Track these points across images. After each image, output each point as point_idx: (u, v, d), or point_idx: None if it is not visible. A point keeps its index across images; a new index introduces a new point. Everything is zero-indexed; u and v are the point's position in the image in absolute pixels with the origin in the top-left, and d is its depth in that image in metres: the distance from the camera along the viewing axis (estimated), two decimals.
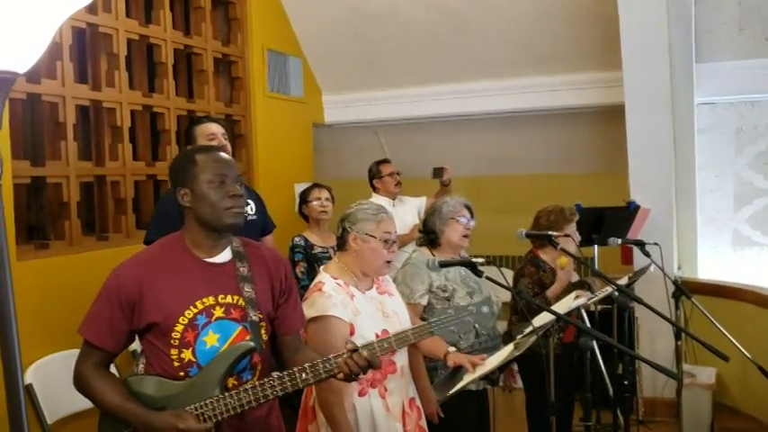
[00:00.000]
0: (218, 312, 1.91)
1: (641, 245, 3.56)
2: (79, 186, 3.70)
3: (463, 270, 2.97)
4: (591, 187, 5.05)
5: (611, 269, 4.15)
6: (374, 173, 4.81)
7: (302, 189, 4.31)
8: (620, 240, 3.66)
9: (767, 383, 2.85)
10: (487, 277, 2.45)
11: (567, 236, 3.43)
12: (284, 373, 1.87)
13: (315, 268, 3.72)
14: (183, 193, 1.94)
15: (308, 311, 2.35)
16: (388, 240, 2.50)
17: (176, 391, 1.87)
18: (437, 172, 4.72)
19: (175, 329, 1.88)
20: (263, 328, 1.97)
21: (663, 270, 3.43)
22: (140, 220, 4.10)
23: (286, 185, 5.17)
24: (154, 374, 1.91)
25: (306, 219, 4.16)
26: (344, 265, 2.54)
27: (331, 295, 2.41)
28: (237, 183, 1.95)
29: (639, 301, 2.91)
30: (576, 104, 5.10)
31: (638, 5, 4.24)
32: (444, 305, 2.90)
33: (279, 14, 5.33)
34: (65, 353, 3.19)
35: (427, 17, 5.07)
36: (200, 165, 1.93)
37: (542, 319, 2.74)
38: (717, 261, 4.81)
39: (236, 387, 1.90)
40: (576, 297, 3.03)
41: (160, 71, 4.31)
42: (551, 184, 5.31)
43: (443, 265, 2.58)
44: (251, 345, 1.89)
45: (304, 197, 4.15)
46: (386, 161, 4.88)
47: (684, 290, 3.49)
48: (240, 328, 1.93)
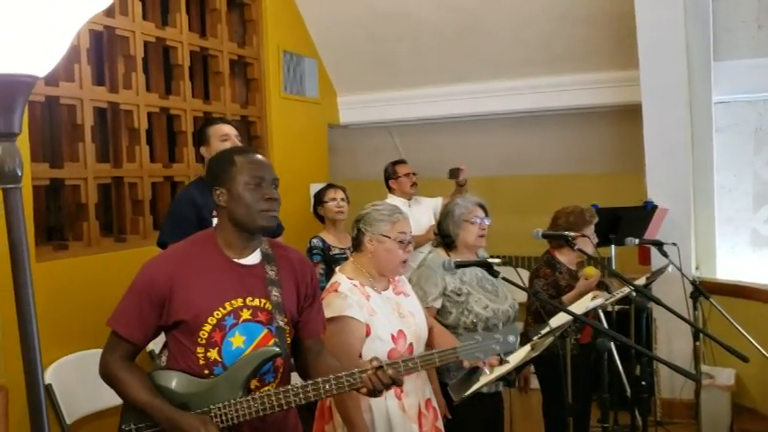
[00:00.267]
0: (246, 315, 1.94)
1: (659, 245, 3.53)
2: (97, 188, 3.73)
3: (480, 272, 2.95)
4: (607, 187, 5.02)
5: (628, 269, 4.13)
6: (390, 173, 4.80)
7: (316, 190, 4.31)
8: (637, 240, 3.63)
9: None
10: (503, 278, 2.44)
11: (584, 236, 3.40)
12: (308, 383, 1.90)
13: (333, 270, 3.72)
14: (219, 193, 1.96)
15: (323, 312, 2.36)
16: (403, 241, 2.50)
17: (200, 389, 1.90)
18: (453, 173, 4.71)
19: (203, 329, 1.90)
20: (287, 332, 2.00)
21: (681, 270, 3.40)
22: (157, 221, 4.12)
23: (301, 186, 5.18)
24: (179, 370, 1.94)
25: (321, 220, 4.16)
26: (360, 265, 2.54)
27: (347, 296, 2.41)
28: (274, 186, 1.97)
29: (657, 302, 2.88)
30: (592, 104, 5.06)
31: (655, 3, 4.21)
32: (459, 309, 2.88)
33: (294, 16, 5.35)
34: (83, 353, 3.22)
35: (441, 17, 5.06)
36: (239, 166, 1.95)
37: (559, 319, 2.73)
38: (735, 261, 4.77)
39: (259, 388, 1.93)
40: (594, 297, 3.02)
41: (176, 73, 4.33)
42: (567, 184, 5.28)
43: (459, 266, 2.58)
44: (276, 350, 1.93)
45: (319, 198, 4.15)
46: (402, 161, 4.87)
47: (703, 290, 3.46)
48: (266, 331, 1.96)
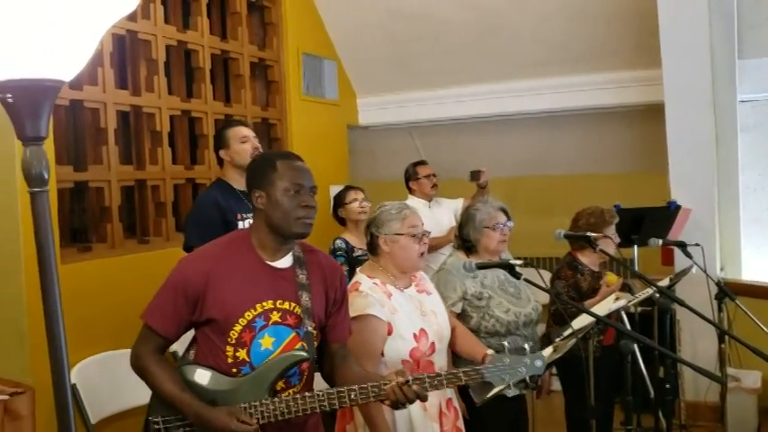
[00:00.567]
0: (275, 317, 1.98)
1: (683, 246, 3.49)
2: (120, 190, 3.77)
3: (502, 275, 2.93)
4: (630, 187, 4.97)
5: (650, 270, 4.08)
6: (411, 174, 4.79)
7: (336, 193, 4.31)
8: (660, 241, 3.59)
9: None
10: (525, 279, 2.43)
11: (606, 237, 3.37)
12: (334, 390, 1.93)
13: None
14: (257, 195, 2.00)
15: None
16: (416, 234, 2.50)
17: (228, 387, 1.94)
18: (474, 175, 4.68)
19: (234, 329, 1.94)
20: (314, 337, 2.03)
21: (705, 271, 3.36)
22: (180, 223, 4.16)
23: (321, 188, 5.10)
24: (207, 366, 1.97)
25: (341, 222, 4.15)
26: (380, 266, 2.54)
27: (368, 294, 2.42)
28: (312, 193, 2.01)
29: (681, 303, 2.85)
30: (614, 104, 5.02)
31: (678, 0, 4.16)
32: (480, 314, 2.86)
33: (313, 18, 5.36)
34: (107, 353, 3.25)
35: (461, 17, 5.05)
36: (280, 171, 1.98)
37: (581, 321, 2.71)
38: (761, 262, 4.69)
39: (284, 390, 1.97)
40: (616, 299, 2.99)
41: (198, 76, 4.37)
42: (589, 184, 5.24)
43: (480, 267, 2.57)
44: (304, 355, 1.96)
45: (340, 200, 4.14)
46: (422, 163, 4.86)
47: (728, 291, 3.41)
48: (294, 334, 1.99)
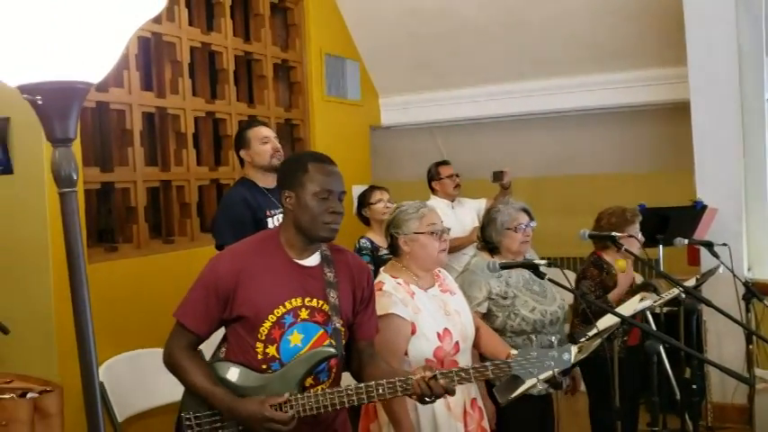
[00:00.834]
0: (304, 314, 2.01)
1: (709, 245, 3.45)
2: (146, 191, 3.81)
3: (527, 274, 2.92)
4: (655, 187, 4.92)
5: (676, 270, 4.03)
6: (433, 174, 4.78)
7: (360, 193, 4.33)
8: (686, 241, 3.55)
9: None
10: (550, 279, 2.42)
11: (630, 236, 3.35)
12: (362, 385, 1.95)
13: None
14: (287, 195, 2.03)
15: None
16: (435, 232, 2.50)
17: (258, 383, 1.97)
18: (497, 175, 4.66)
19: (264, 325, 1.98)
20: (342, 334, 2.06)
21: (732, 271, 3.32)
22: (204, 223, 4.20)
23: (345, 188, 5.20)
24: (238, 363, 2.00)
25: (365, 221, 4.17)
26: (403, 266, 2.55)
27: (391, 294, 2.42)
28: (340, 199, 2.04)
29: (708, 304, 2.82)
30: (639, 102, 4.97)
31: None
32: (505, 313, 2.85)
33: (335, 19, 5.38)
34: (134, 352, 3.29)
35: (483, 16, 5.03)
36: (311, 174, 2.00)
37: (606, 321, 2.69)
38: None
39: (313, 386, 2.00)
40: (642, 299, 2.96)
41: (221, 77, 4.40)
42: (614, 183, 5.19)
43: (504, 267, 2.56)
44: (333, 351, 1.99)
45: (365, 200, 4.16)
46: (445, 163, 4.85)
47: (756, 292, 3.37)
48: (322, 331, 2.02)
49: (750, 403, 3.88)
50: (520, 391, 2.42)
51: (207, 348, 2.14)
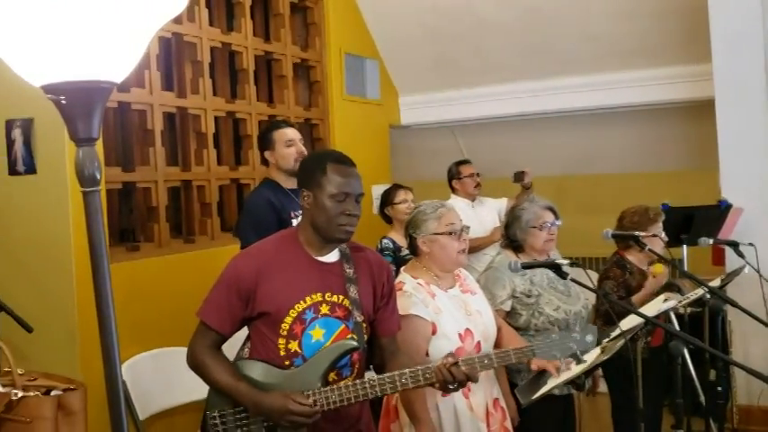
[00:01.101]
0: (325, 309, 2.02)
1: (735, 245, 3.40)
2: (167, 191, 3.83)
3: (551, 273, 2.90)
4: (679, 186, 4.87)
5: (700, 270, 3.98)
6: (453, 173, 4.76)
7: (383, 190, 4.33)
8: (711, 240, 3.50)
9: None
10: (572, 279, 2.39)
11: (653, 236, 3.31)
12: (385, 376, 1.97)
13: None
14: (305, 195, 2.06)
15: None
16: (453, 232, 2.48)
17: (281, 379, 1.98)
18: (518, 176, 4.63)
19: (285, 321, 1.99)
20: (364, 328, 2.06)
21: (759, 271, 3.27)
22: (225, 223, 4.22)
23: (364, 188, 5.20)
24: (261, 360, 2.01)
25: (387, 220, 4.17)
26: (423, 266, 2.53)
27: (411, 294, 2.41)
28: (357, 201, 2.05)
29: (734, 304, 2.77)
30: (662, 100, 4.91)
31: None
32: (529, 311, 2.83)
33: (355, 18, 5.37)
34: (156, 351, 3.30)
35: (504, 14, 5.00)
36: (329, 175, 2.02)
37: (630, 322, 2.66)
38: None
39: (336, 382, 2.00)
40: (666, 299, 2.93)
41: (242, 77, 4.42)
42: (637, 182, 5.14)
43: (526, 267, 2.54)
44: (354, 344, 2.00)
45: (388, 199, 4.16)
46: (466, 162, 4.82)
47: None
48: (343, 326, 2.03)
49: None
50: (542, 392, 2.41)
51: (230, 350, 2.15)
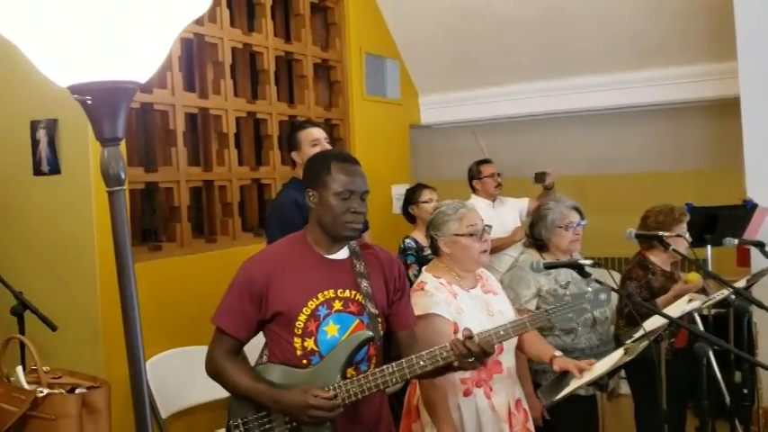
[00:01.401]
0: (338, 305, 2.03)
1: (761, 245, 3.35)
2: (189, 191, 3.85)
3: (576, 274, 2.88)
4: (703, 185, 4.80)
5: (725, 271, 3.93)
6: (474, 173, 4.74)
7: (407, 189, 4.35)
8: (736, 240, 3.46)
9: None
10: (595, 280, 2.37)
11: (678, 236, 3.27)
12: (403, 360, 1.97)
13: None
14: (311, 194, 2.07)
15: None
16: (474, 233, 2.46)
17: (300, 378, 1.98)
18: (539, 176, 4.60)
19: (299, 319, 2.00)
20: (379, 321, 2.06)
21: None
22: (246, 222, 4.24)
23: (383, 188, 5.21)
24: (278, 363, 2.02)
25: (411, 219, 4.17)
26: (444, 266, 2.53)
27: (433, 294, 2.41)
28: (363, 198, 2.05)
29: (760, 305, 2.75)
30: (686, 98, 4.85)
31: None
32: None
33: (375, 18, 5.37)
34: (177, 350, 3.33)
35: (525, 13, 4.97)
36: (333, 174, 2.03)
37: (653, 323, 2.63)
38: None
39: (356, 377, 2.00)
40: (690, 300, 2.90)
41: (263, 78, 4.43)
42: (660, 182, 5.08)
43: (548, 267, 2.52)
44: (369, 334, 2.00)
45: (413, 198, 4.17)
46: (487, 161, 4.80)
47: None
48: (357, 321, 2.04)
49: None
50: (564, 392, 2.39)
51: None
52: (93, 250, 3.20)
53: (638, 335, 2.51)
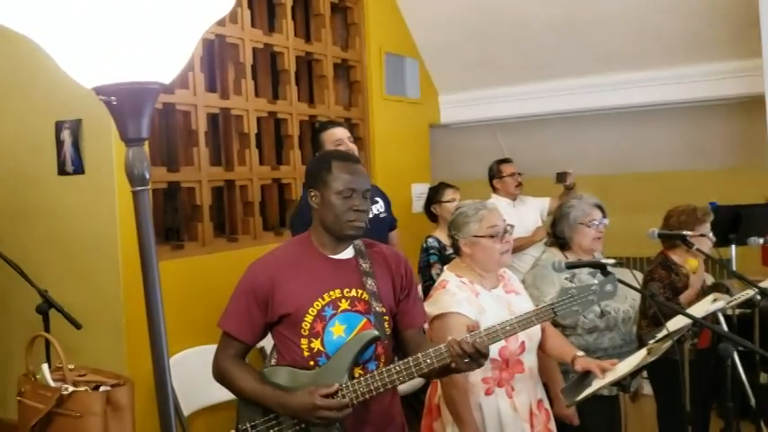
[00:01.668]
0: (344, 305, 2.02)
1: None
2: (210, 190, 3.88)
3: (599, 274, 2.86)
4: (727, 184, 4.75)
5: (750, 271, 3.88)
6: (494, 172, 4.73)
7: (430, 188, 4.35)
8: (761, 240, 3.42)
9: None
10: (618, 279, 2.35)
11: (701, 236, 3.24)
12: (410, 359, 1.94)
13: None
14: (312, 195, 2.07)
15: (430, 309, 2.38)
16: (495, 234, 2.45)
17: (307, 380, 1.97)
18: (560, 176, 4.58)
19: (305, 320, 1.99)
20: (386, 320, 2.05)
21: None
22: (267, 222, 4.26)
23: (403, 186, 5.21)
24: (285, 365, 2.02)
25: (433, 218, 4.18)
26: (466, 265, 2.52)
27: (455, 293, 2.41)
28: (365, 197, 2.04)
29: None
30: (710, 96, 4.79)
31: None
32: None
33: (395, 17, 5.37)
34: (199, 348, 3.35)
35: (545, 11, 4.93)
36: (334, 173, 2.03)
37: (676, 323, 2.60)
38: None
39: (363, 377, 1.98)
40: (714, 300, 2.86)
41: (283, 78, 4.45)
42: (683, 181, 5.02)
43: (570, 267, 2.51)
44: (375, 333, 1.99)
45: (436, 197, 4.18)
46: (507, 161, 4.79)
47: None
48: (365, 320, 2.02)
49: None
50: (586, 392, 2.38)
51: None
52: (116, 249, 3.23)
53: (660, 335, 2.49)
